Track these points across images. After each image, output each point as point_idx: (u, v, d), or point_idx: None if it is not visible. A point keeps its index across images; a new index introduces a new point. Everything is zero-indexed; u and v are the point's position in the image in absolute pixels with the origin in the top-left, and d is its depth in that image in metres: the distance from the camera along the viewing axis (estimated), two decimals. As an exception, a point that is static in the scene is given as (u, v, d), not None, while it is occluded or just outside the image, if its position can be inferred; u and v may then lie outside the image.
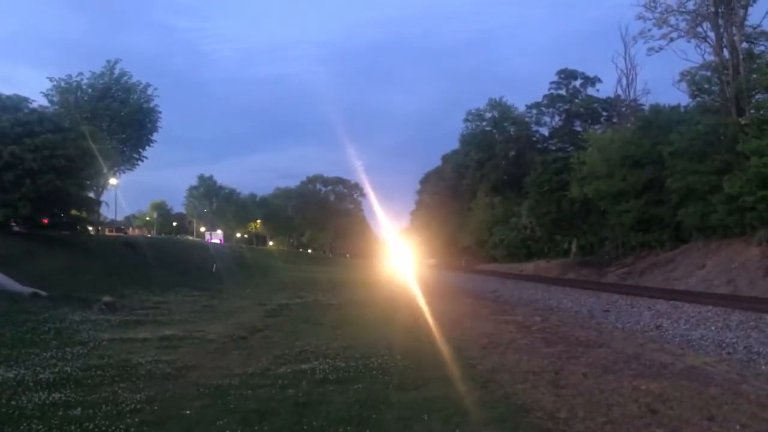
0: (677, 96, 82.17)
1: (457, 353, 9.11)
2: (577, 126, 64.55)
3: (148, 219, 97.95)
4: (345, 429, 5.20)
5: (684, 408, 5.80)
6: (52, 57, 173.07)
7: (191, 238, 75.64)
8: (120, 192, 48.25)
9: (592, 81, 64.42)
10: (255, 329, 12.23)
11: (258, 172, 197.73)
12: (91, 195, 35.03)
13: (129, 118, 39.62)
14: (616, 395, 6.33)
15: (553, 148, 65.09)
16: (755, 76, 31.56)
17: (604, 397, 6.24)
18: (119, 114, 38.97)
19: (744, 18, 33.34)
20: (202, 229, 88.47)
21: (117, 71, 39.84)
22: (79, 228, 30.66)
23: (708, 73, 35.41)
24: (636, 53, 46.57)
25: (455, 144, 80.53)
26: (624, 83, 47.78)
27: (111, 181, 41.03)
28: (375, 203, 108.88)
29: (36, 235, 26.29)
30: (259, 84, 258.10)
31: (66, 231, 29.15)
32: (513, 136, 70.33)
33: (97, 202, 37.13)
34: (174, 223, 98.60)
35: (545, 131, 70.45)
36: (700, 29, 35.34)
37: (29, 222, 26.77)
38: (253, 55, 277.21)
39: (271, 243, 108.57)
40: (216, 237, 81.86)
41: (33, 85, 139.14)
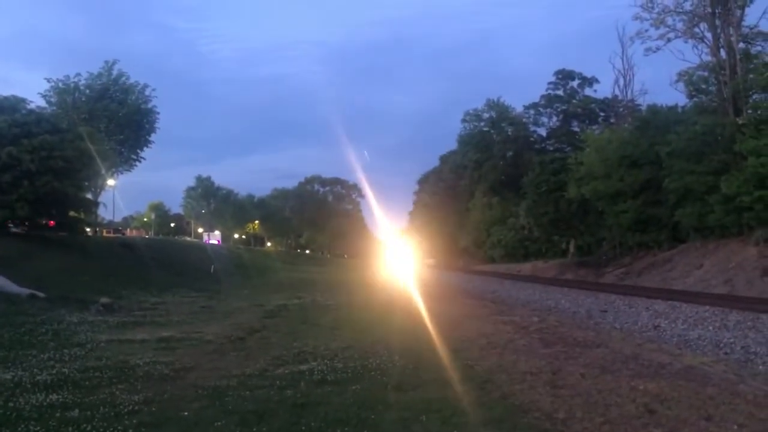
0: (674, 96, 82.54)
1: (455, 354, 9.11)
2: (575, 126, 64.80)
3: (145, 220, 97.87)
4: (343, 430, 5.20)
5: (681, 408, 5.81)
6: (50, 58, 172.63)
7: (189, 239, 75.65)
8: (118, 193, 48.44)
9: (589, 81, 64.71)
10: (253, 330, 12.20)
11: (256, 172, 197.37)
12: (89, 196, 34.95)
13: (127, 118, 39.57)
14: (613, 395, 6.34)
15: (551, 148, 65.18)
16: (752, 76, 31.70)
17: (601, 398, 6.25)
18: (117, 115, 38.91)
19: (741, 18, 33.50)
20: (199, 230, 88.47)
21: (115, 72, 39.84)
22: (77, 229, 30.63)
23: (705, 74, 35.54)
24: (633, 54, 47.02)
25: (455, 144, 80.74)
26: (621, 83, 47.92)
27: (109, 182, 41.03)
28: (373, 204, 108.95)
29: (34, 237, 26.27)
30: (259, 84, 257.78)
31: (63, 232, 29.13)
32: (511, 136, 70.45)
33: (95, 203, 37.12)
34: (172, 224, 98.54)
35: (543, 132, 70.87)
36: (697, 30, 35.52)
37: (29, 223, 26.75)
38: (253, 55, 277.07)
39: (269, 244, 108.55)
40: (214, 238, 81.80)
41: (31, 86, 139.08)
